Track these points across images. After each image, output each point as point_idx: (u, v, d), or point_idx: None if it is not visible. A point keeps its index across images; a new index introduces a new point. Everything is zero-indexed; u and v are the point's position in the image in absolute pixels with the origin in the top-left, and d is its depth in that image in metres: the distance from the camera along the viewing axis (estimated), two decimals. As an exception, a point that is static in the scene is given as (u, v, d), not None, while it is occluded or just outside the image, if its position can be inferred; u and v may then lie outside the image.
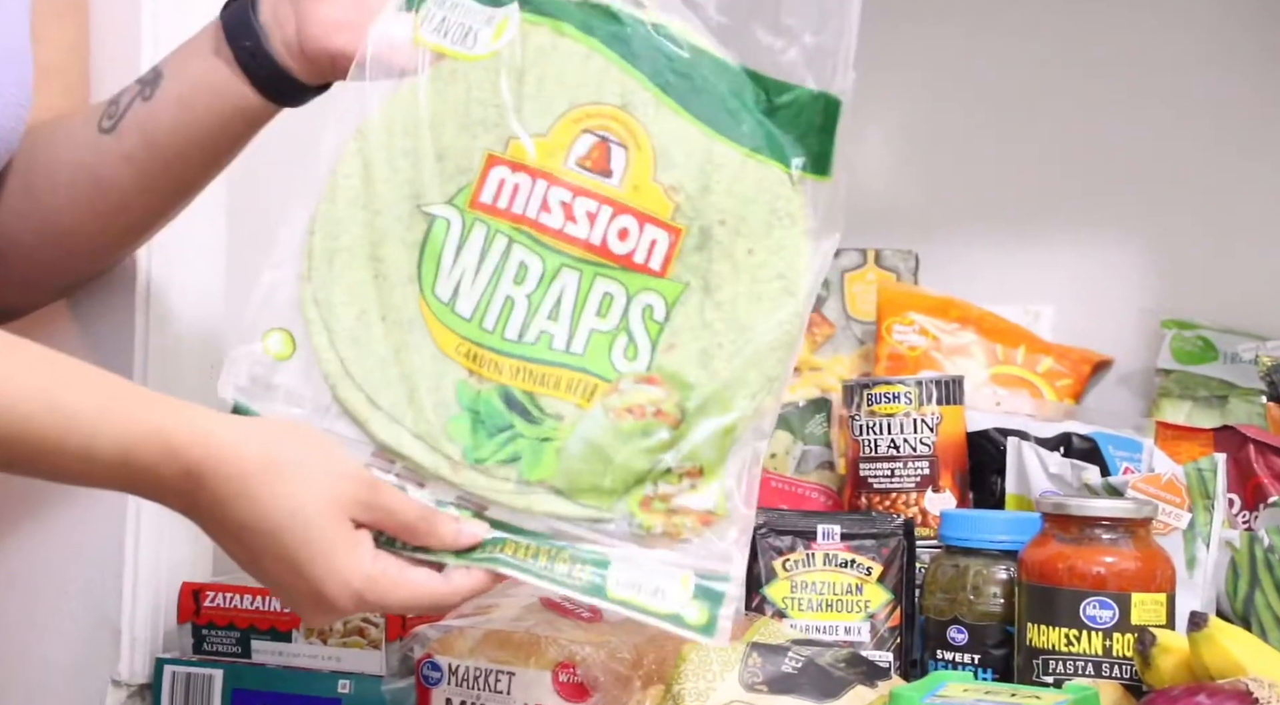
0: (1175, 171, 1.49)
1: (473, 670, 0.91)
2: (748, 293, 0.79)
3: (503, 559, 0.77)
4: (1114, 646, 0.89)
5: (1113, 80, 1.52)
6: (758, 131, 0.80)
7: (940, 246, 1.53)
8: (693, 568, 0.76)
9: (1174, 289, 1.49)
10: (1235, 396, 1.35)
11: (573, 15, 0.82)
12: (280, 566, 0.75)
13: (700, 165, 0.80)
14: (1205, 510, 1.03)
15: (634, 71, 0.81)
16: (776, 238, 0.79)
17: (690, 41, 0.81)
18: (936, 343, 1.41)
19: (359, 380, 0.80)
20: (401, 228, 0.81)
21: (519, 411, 0.78)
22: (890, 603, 1.01)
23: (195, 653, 1.02)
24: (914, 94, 1.61)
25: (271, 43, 0.88)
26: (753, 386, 0.78)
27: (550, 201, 0.80)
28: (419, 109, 0.82)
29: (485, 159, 0.81)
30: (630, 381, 0.78)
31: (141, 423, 0.73)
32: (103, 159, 0.92)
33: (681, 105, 0.80)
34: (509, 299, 0.80)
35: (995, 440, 1.19)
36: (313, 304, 0.81)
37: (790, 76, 0.81)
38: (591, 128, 0.80)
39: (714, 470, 0.77)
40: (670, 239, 0.79)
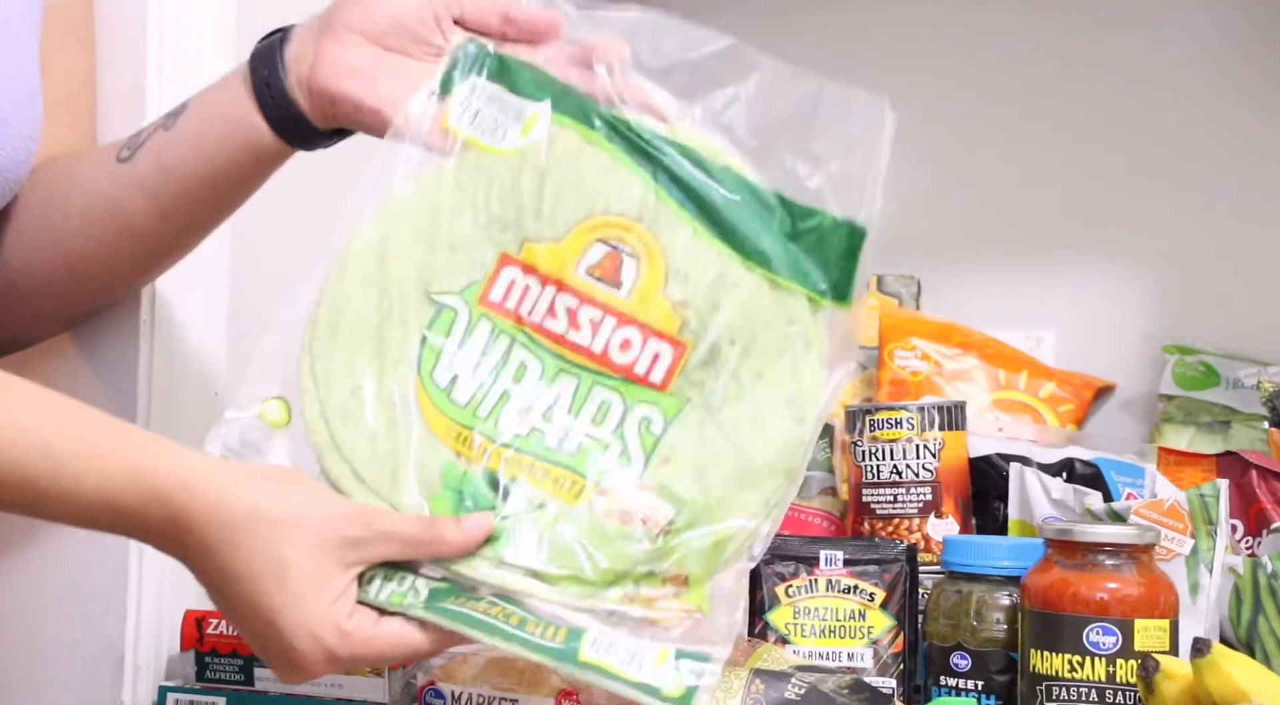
0: (1177, 197, 1.50)
1: (476, 697, 0.91)
2: (751, 415, 0.79)
3: (476, 617, 0.75)
4: (1117, 673, 0.89)
5: (1114, 105, 1.52)
6: (779, 254, 0.80)
7: (942, 272, 1.54)
8: (673, 645, 0.75)
9: (1176, 314, 1.49)
10: (1238, 422, 1.35)
11: (600, 124, 0.82)
12: (257, 617, 0.74)
13: (713, 283, 0.80)
14: (1208, 536, 1.03)
15: (655, 185, 0.81)
16: (788, 361, 0.79)
17: (718, 161, 0.81)
18: (939, 368, 1.41)
19: (346, 453, 0.79)
20: (408, 310, 0.81)
21: (503, 495, 0.78)
22: (893, 629, 1.01)
23: (198, 680, 1.02)
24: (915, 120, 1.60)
25: (288, 77, 0.88)
26: (749, 508, 0.78)
27: (557, 307, 0.80)
28: (440, 196, 0.82)
29: (499, 258, 0.81)
30: (621, 488, 0.78)
31: (128, 467, 0.73)
32: (118, 186, 0.93)
33: (701, 222, 0.80)
34: (505, 394, 0.80)
35: (998, 466, 1.19)
36: (309, 374, 0.81)
37: (816, 202, 0.81)
38: (606, 238, 0.81)
39: (700, 582, 0.77)
40: (675, 353, 0.80)
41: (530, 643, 0.75)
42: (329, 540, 0.74)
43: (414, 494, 0.78)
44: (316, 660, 0.74)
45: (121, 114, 1.01)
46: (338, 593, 0.74)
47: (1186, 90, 1.50)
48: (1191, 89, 1.50)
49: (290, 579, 0.73)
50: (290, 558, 0.73)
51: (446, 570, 0.77)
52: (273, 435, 0.81)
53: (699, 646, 0.75)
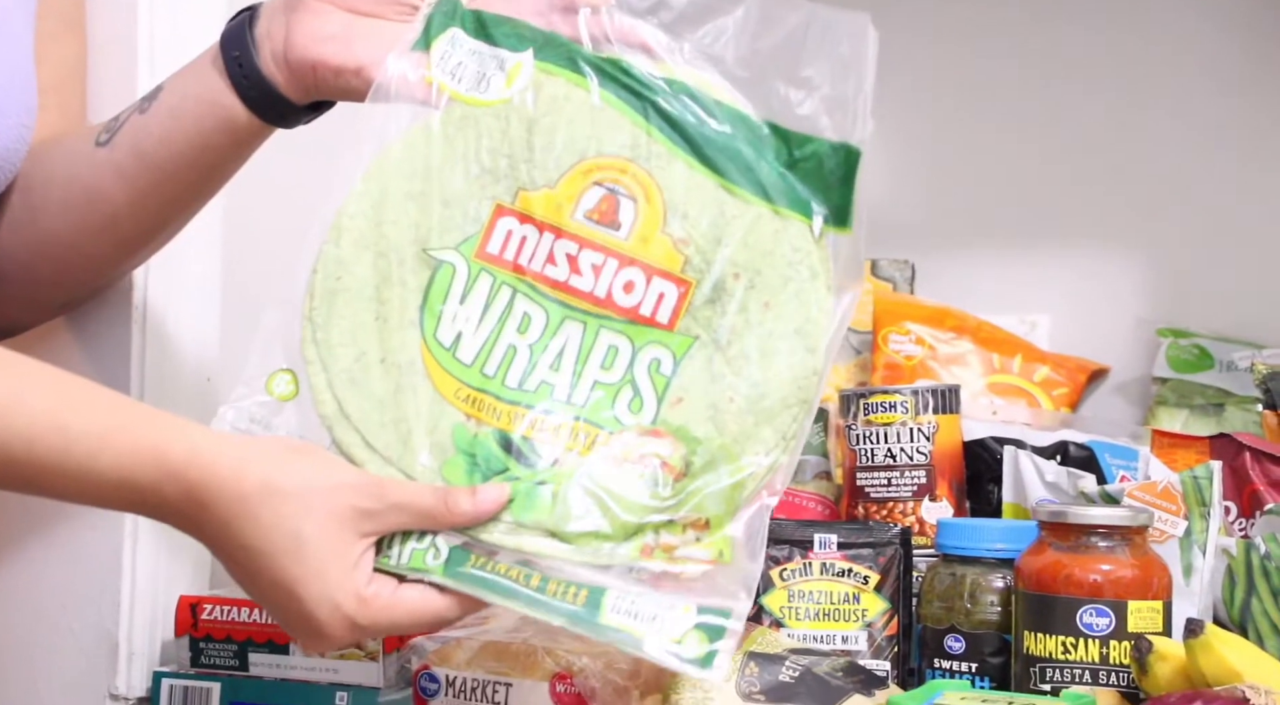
0: (1171, 181, 1.50)
1: (470, 681, 0.91)
2: (761, 347, 0.78)
3: (494, 581, 0.75)
4: (1111, 654, 0.89)
5: (1108, 91, 1.52)
6: (777, 184, 0.79)
7: (936, 256, 1.54)
8: (695, 601, 0.75)
9: (1170, 298, 1.49)
10: (1231, 404, 1.35)
11: (586, 67, 0.81)
12: (276, 590, 0.75)
13: (713, 217, 0.79)
14: (1201, 518, 1.03)
15: (646, 124, 0.80)
16: (794, 291, 0.78)
17: (708, 95, 0.81)
18: (933, 352, 1.41)
19: (355, 422, 0.79)
20: (406, 271, 0.80)
21: (516, 455, 0.77)
22: (887, 611, 1.01)
23: (193, 666, 1.02)
24: (910, 105, 1.61)
25: (260, 54, 0.87)
26: (766, 443, 0.77)
27: (556, 254, 0.79)
28: (429, 153, 0.81)
29: (494, 209, 0.80)
30: (634, 434, 0.77)
31: (142, 444, 0.74)
32: (95, 171, 0.92)
33: (696, 158, 0.80)
34: (511, 347, 0.79)
35: (992, 449, 1.19)
36: (312, 344, 0.80)
37: (810, 129, 0.80)
38: (601, 180, 0.80)
39: (720, 524, 0.76)
40: (679, 292, 0.79)
41: (550, 606, 0.74)
42: (342, 511, 0.74)
43: (426, 459, 0.77)
44: (339, 629, 0.74)
45: (112, 103, 1.01)
46: (354, 561, 0.74)
47: (1181, 76, 1.50)
48: (1186, 75, 1.49)
49: (307, 551, 0.73)
50: (306, 531, 0.73)
51: (465, 534, 0.76)
52: (281, 409, 0.80)
53: (721, 601, 0.75)
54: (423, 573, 0.75)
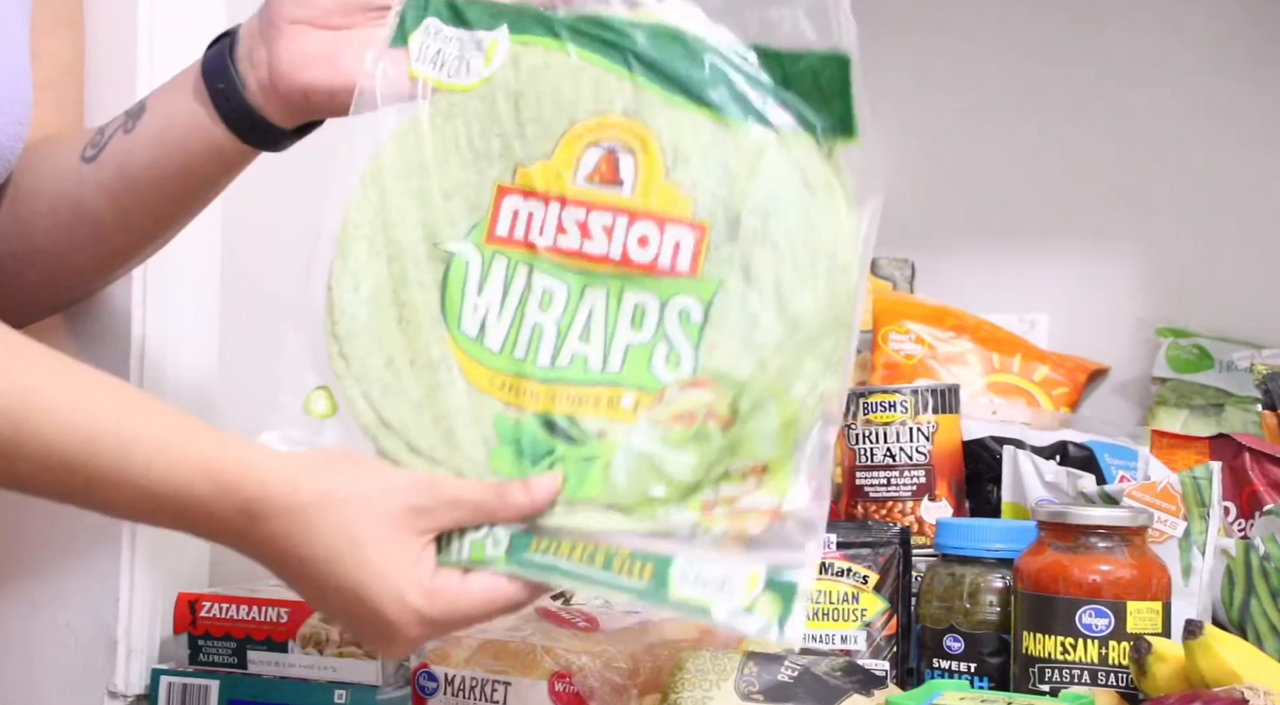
0: (1170, 180, 1.50)
1: (469, 680, 0.91)
2: (792, 277, 0.75)
3: (559, 565, 0.74)
4: (1110, 655, 0.89)
5: (1108, 89, 1.52)
6: (775, 107, 0.76)
7: (936, 255, 1.54)
8: (763, 560, 0.72)
9: (1169, 297, 1.49)
10: (1231, 405, 1.35)
11: (562, 30, 0.80)
12: (343, 597, 0.74)
13: (716, 155, 0.76)
14: (1201, 518, 1.03)
15: (630, 74, 0.78)
16: (813, 213, 0.75)
17: (690, 31, 0.78)
18: (932, 351, 1.41)
19: (396, 428, 0.78)
20: (420, 270, 0.79)
21: (561, 435, 0.76)
22: (886, 611, 1.01)
23: (192, 663, 1.02)
24: (909, 103, 1.61)
25: (246, 84, 0.86)
26: (812, 374, 0.74)
27: (565, 223, 0.78)
28: (422, 148, 0.80)
29: (495, 191, 0.79)
30: (676, 389, 0.75)
31: (195, 456, 0.73)
32: (82, 188, 0.92)
33: (686, 98, 0.77)
34: (537, 327, 0.78)
35: (991, 449, 1.19)
36: (340, 359, 0.79)
37: (799, 43, 0.77)
38: (596, 140, 0.78)
39: (780, 466, 0.74)
40: (695, 237, 0.76)
41: (618, 583, 0.73)
42: (398, 511, 0.74)
43: (473, 453, 0.77)
44: (410, 626, 0.74)
45: (110, 102, 1.00)
46: (415, 557, 0.74)
47: (1180, 75, 1.50)
48: (1186, 73, 1.49)
49: (368, 554, 0.73)
50: (363, 534, 0.73)
51: (523, 521, 0.75)
52: (322, 427, 0.79)
53: (789, 554, 0.72)
54: (485, 565, 0.74)
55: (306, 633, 0.99)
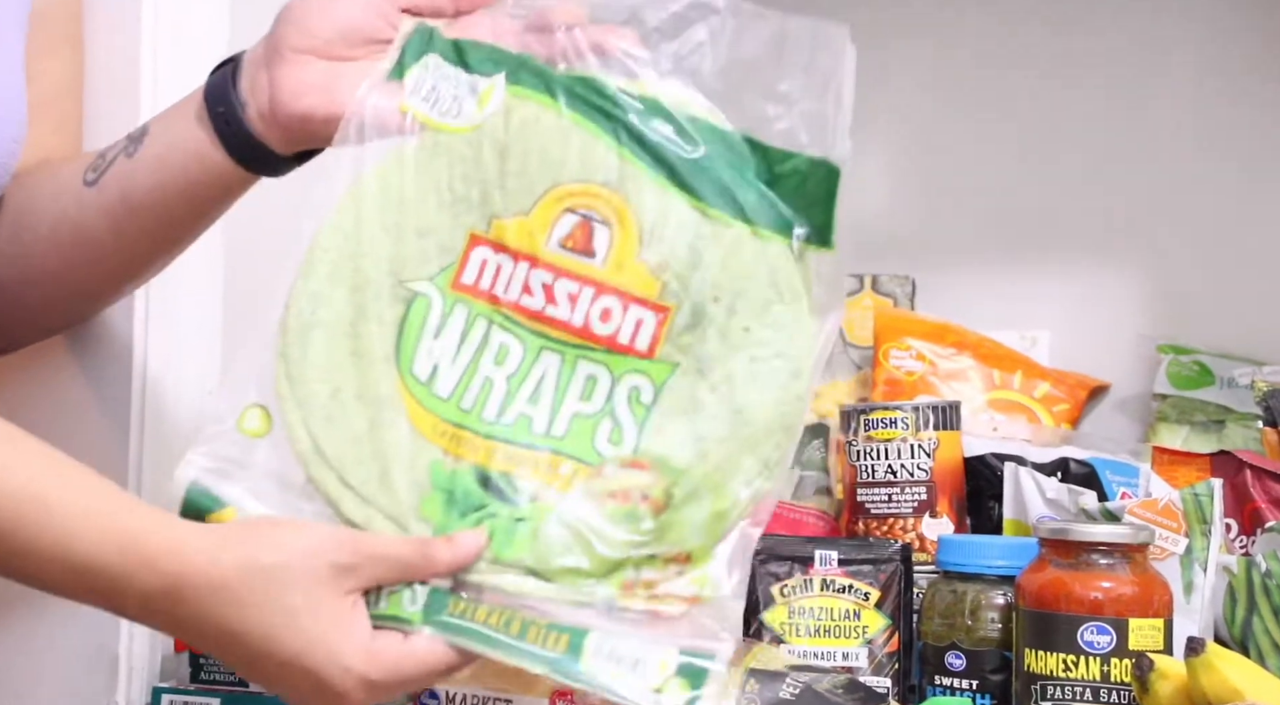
0: (1172, 197, 1.50)
1: (470, 698, 0.91)
2: (745, 372, 0.76)
3: (473, 629, 0.74)
4: (1112, 672, 0.89)
5: (1108, 106, 1.52)
6: (756, 203, 0.77)
7: (937, 272, 1.54)
8: (676, 644, 0.73)
9: (1170, 314, 1.49)
10: (1232, 421, 1.35)
11: (558, 89, 0.79)
12: (283, 670, 0.74)
13: (690, 240, 0.77)
14: (1202, 535, 1.03)
15: (619, 147, 0.78)
16: (776, 314, 0.76)
17: (686, 112, 0.78)
18: (933, 368, 1.41)
19: (331, 460, 0.77)
20: (381, 305, 0.78)
21: (494, 491, 0.76)
22: (888, 628, 1.01)
23: (193, 681, 1.02)
24: (911, 120, 1.61)
25: (247, 111, 0.86)
26: (748, 472, 0.75)
27: (532, 284, 0.78)
28: (403, 183, 0.80)
29: (468, 239, 0.79)
30: (615, 466, 0.75)
31: (121, 529, 0.73)
32: (83, 211, 0.92)
33: (670, 179, 0.77)
34: (488, 380, 0.78)
35: (992, 465, 1.19)
36: (286, 380, 0.78)
37: (788, 144, 0.78)
38: (574, 206, 0.78)
39: (703, 556, 0.75)
40: (658, 318, 0.77)
41: (531, 654, 0.73)
42: (322, 571, 0.73)
43: (405, 496, 0.76)
44: (355, 691, 0.73)
45: (111, 123, 1.01)
46: (350, 619, 0.73)
47: (1181, 91, 1.50)
48: (1186, 90, 1.50)
49: (302, 622, 0.73)
50: (294, 602, 0.72)
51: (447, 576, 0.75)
52: (253, 447, 0.78)
53: (704, 642, 0.73)
54: (400, 620, 0.74)
55: (308, 650, 0.99)
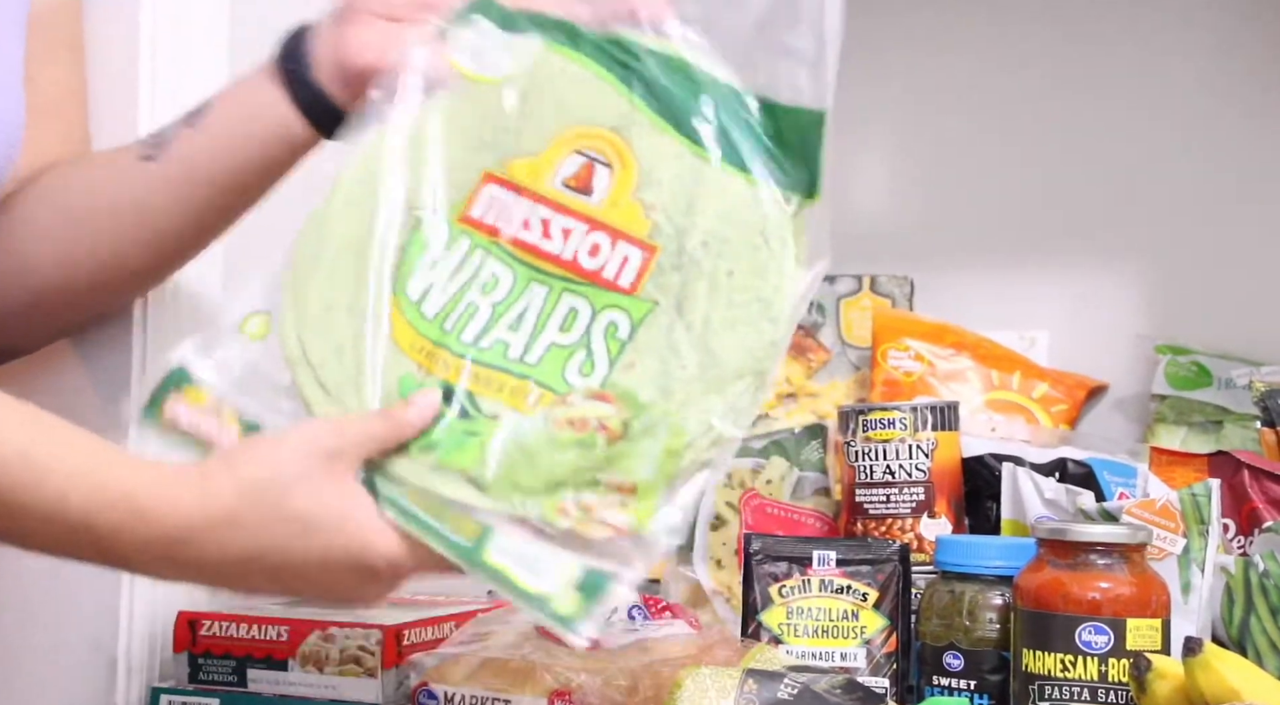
0: (1170, 198, 1.50)
1: (469, 698, 0.91)
2: (723, 317, 0.77)
3: (397, 501, 0.76)
4: (1109, 672, 0.89)
5: (1108, 107, 1.52)
6: (756, 155, 0.79)
7: (935, 273, 1.54)
8: (584, 561, 0.74)
9: (1168, 315, 1.49)
10: (1230, 422, 1.35)
11: (585, 43, 0.83)
12: (309, 573, 0.75)
13: (687, 185, 0.79)
14: (1200, 535, 1.03)
15: (629, 94, 0.82)
16: (761, 261, 0.78)
17: (701, 68, 0.81)
18: (932, 368, 1.42)
19: (314, 365, 0.80)
20: (390, 231, 0.82)
21: (456, 407, 0.78)
22: (886, 628, 1.01)
23: (191, 682, 1.02)
24: (909, 121, 1.62)
25: (319, 68, 0.90)
26: (712, 412, 0.76)
27: (531, 219, 0.81)
28: (431, 124, 0.84)
29: (482, 176, 0.82)
30: (580, 396, 0.77)
31: (111, 485, 0.73)
32: (148, 189, 0.94)
33: (675, 128, 0.80)
34: (473, 305, 0.80)
35: (991, 466, 1.19)
36: (290, 290, 0.82)
37: (790, 97, 0.80)
38: (581, 148, 0.82)
39: (649, 493, 0.75)
40: (644, 256, 0.79)
41: (441, 535, 0.75)
42: (314, 466, 0.75)
43: (371, 403, 0.79)
44: (392, 555, 0.75)
45: (112, 127, 1.01)
46: (357, 501, 0.76)
47: (1179, 92, 1.50)
48: (1184, 91, 1.50)
49: (314, 522, 0.74)
50: (299, 507, 0.74)
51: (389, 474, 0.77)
52: (249, 347, 0.82)
53: (611, 565, 0.74)
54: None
55: (306, 651, 0.99)
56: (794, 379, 1.50)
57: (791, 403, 1.49)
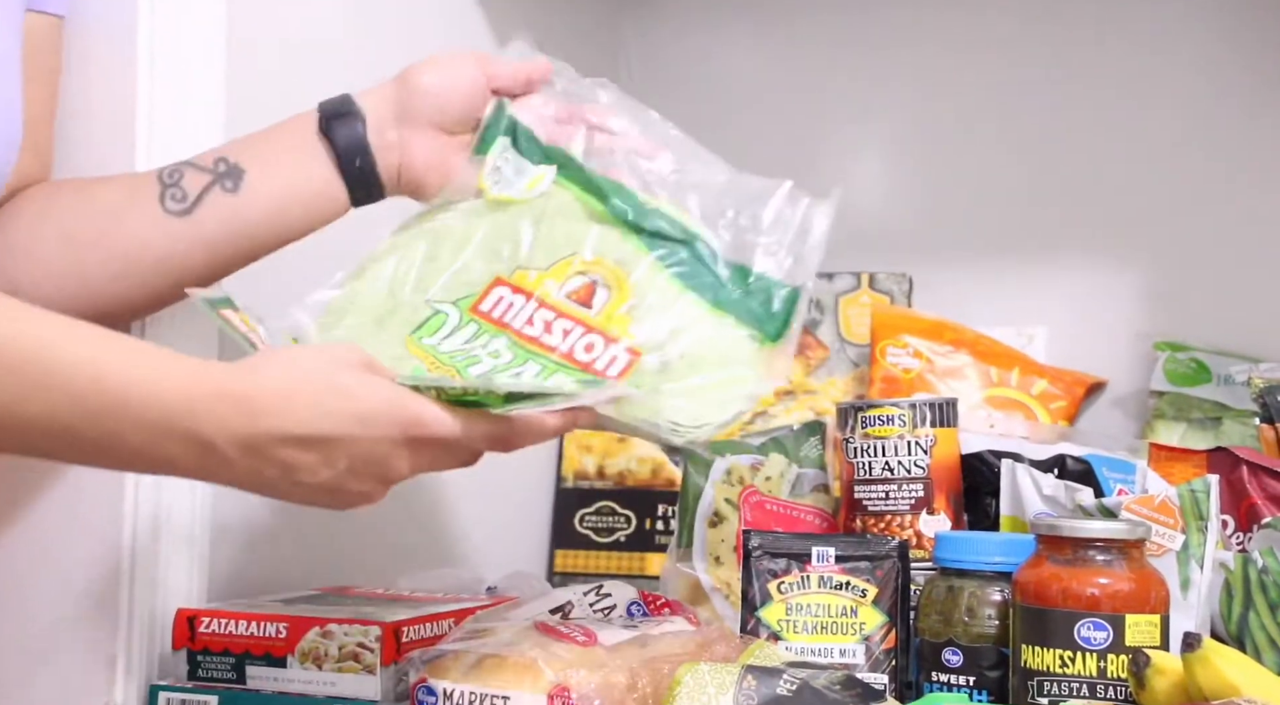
0: (1168, 195, 1.50)
1: (468, 695, 0.91)
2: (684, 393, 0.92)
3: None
4: (1108, 668, 0.89)
5: (1106, 104, 1.52)
6: (731, 301, 0.95)
7: (934, 269, 1.54)
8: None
9: (1167, 311, 1.49)
10: (1228, 418, 1.35)
11: (594, 187, 1.00)
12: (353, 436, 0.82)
13: (672, 315, 0.94)
14: (1199, 531, 1.03)
15: (632, 237, 0.98)
16: (725, 376, 0.93)
17: (692, 227, 0.98)
18: (930, 365, 1.42)
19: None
20: (408, 310, 0.96)
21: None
22: (885, 625, 1.01)
23: (190, 679, 1.02)
24: (908, 118, 1.62)
25: (377, 165, 1.01)
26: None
27: (535, 318, 0.95)
28: (452, 228, 1.00)
29: (492, 279, 0.97)
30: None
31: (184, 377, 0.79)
32: (175, 241, 0.98)
33: (666, 267, 0.96)
34: (477, 357, 0.93)
35: (989, 462, 1.19)
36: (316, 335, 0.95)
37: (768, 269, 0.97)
38: (585, 270, 0.97)
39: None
40: (630, 358, 0.93)
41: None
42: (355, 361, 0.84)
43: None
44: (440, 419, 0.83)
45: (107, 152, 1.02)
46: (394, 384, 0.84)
47: (1178, 89, 1.50)
48: (1183, 88, 1.50)
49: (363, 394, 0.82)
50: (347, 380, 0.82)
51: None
52: None
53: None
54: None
55: (305, 648, 0.99)
56: (793, 376, 1.50)
57: (790, 399, 1.49)
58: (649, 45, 1.71)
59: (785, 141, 1.64)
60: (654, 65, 1.71)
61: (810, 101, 1.64)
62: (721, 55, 1.69)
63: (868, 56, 1.62)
